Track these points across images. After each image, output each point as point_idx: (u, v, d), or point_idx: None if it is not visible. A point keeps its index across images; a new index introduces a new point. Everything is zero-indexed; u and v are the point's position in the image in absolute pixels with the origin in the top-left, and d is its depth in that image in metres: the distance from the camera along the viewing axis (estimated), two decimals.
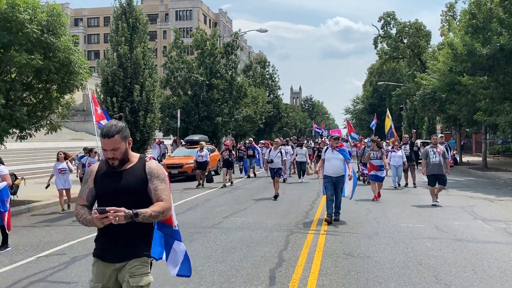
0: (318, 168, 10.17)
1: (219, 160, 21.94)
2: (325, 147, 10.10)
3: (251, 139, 23.31)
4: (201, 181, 16.92)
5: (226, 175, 16.91)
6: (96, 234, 3.21)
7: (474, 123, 26.63)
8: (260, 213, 10.66)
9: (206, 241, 7.80)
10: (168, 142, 31.79)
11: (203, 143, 18.03)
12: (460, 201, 12.56)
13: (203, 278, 5.73)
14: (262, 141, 28.93)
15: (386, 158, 13.57)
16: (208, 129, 31.03)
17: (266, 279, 5.71)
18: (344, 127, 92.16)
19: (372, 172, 12.85)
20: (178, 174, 19.02)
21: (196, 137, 24.38)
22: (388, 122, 25.19)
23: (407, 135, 19.14)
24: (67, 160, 11.76)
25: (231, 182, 17.17)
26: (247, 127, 42.90)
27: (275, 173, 13.45)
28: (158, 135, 31.79)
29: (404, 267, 6.16)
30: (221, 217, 10.22)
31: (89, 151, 12.24)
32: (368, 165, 13.37)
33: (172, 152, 24.87)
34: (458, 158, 28.94)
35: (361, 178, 16.59)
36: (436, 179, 11.59)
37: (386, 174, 13.19)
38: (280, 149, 13.86)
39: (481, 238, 7.90)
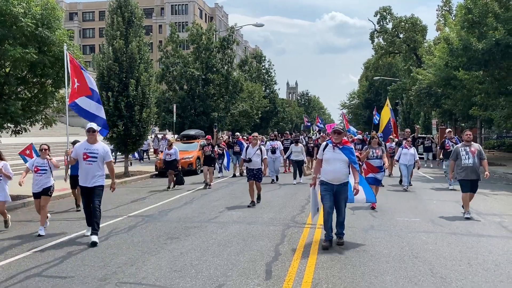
0: (314, 176, 7.47)
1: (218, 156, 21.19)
2: (324, 143, 7.38)
3: (238, 134, 21.28)
4: (171, 184, 14.79)
5: (208, 174, 14.81)
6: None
7: (470, 118, 26.77)
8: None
9: (203, 235, 7.80)
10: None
11: (172, 139, 15.66)
12: (455, 195, 12.60)
13: (200, 272, 5.73)
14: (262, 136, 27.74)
15: (393, 157, 11.85)
16: (204, 124, 31.00)
17: (262, 273, 5.72)
18: (340, 122, 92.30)
19: (370, 175, 10.61)
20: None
21: (192, 131, 24.33)
22: (387, 114, 20.46)
23: (408, 130, 17.29)
24: (3, 161, 8.47)
25: (209, 185, 14.71)
26: (243, 122, 42.92)
27: (254, 176, 11.03)
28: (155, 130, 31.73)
29: (399, 260, 6.19)
30: (217, 211, 10.22)
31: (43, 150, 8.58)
32: (364, 165, 10.85)
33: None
34: None
35: None
36: (470, 185, 9.34)
37: (389, 174, 11.42)
38: (259, 146, 11.38)
39: (476, 232, 7.95)
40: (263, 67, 59.38)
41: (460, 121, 31.99)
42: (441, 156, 14.58)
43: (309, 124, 49.10)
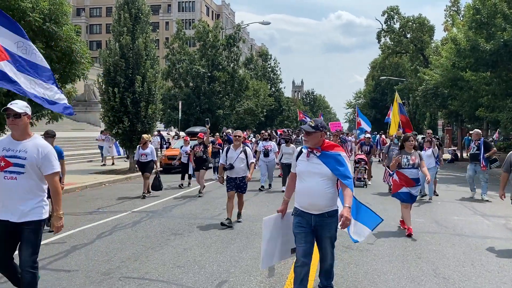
0: (285, 198, 4.84)
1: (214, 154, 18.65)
2: (298, 148, 4.88)
3: (230, 130, 18.79)
4: (146, 190, 12.24)
5: (201, 179, 12.59)
6: None
7: (476, 119, 26.59)
8: (260, 205, 10.67)
9: (206, 232, 7.82)
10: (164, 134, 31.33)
11: (146, 136, 12.77)
12: (460, 196, 12.55)
13: (203, 269, 5.75)
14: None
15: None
16: (210, 121, 31.08)
17: (265, 270, 5.73)
18: (345, 121, 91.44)
19: (404, 189, 7.81)
20: (179, 166, 18.99)
21: (197, 129, 24.39)
22: (396, 110, 17.92)
23: (430, 131, 14.61)
24: None
25: (201, 191, 12.49)
26: (248, 120, 42.98)
27: (237, 186, 8.52)
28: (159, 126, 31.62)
29: (402, 260, 6.18)
30: (221, 209, 10.22)
31: None
32: (395, 176, 7.98)
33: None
34: (458, 154, 28.97)
35: (355, 181, 13.47)
36: None
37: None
38: (243, 147, 8.74)
39: (480, 233, 7.92)
40: (268, 65, 59.40)
41: (466, 122, 31.81)
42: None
43: (306, 120, 48.13)
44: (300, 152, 4.61)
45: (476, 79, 20.13)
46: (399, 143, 8.33)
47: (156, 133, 26.59)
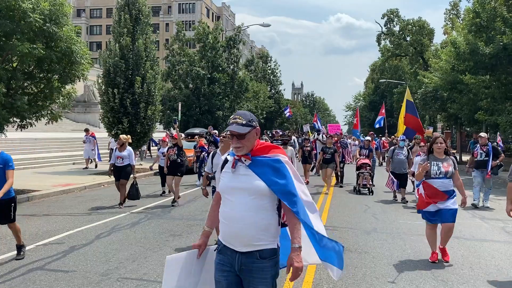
0: (206, 228, 3.27)
1: (196, 159, 16.64)
2: (223, 156, 3.29)
3: (216, 131, 17.30)
4: (122, 199, 10.73)
5: (176, 186, 11.12)
6: None
7: (475, 122, 26.61)
8: None
9: None
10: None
11: (124, 137, 10.80)
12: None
13: None
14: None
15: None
16: (209, 122, 31.09)
17: None
18: (345, 124, 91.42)
19: (431, 208, 6.24)
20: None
21: (196, 130, 24.40)
22: (403, 109, 16.78)
23: (436, 132, 14.24)
24: None
25: (176, 200, 11.03)
26: None
27: None
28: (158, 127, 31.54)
29: (401, 263, 6.18)
30: None
31: None
32: (422, 188, 6.35)
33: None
34: (458, 157, 29.01)
35: (360, 188, 13.22)
36: None
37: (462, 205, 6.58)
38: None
39: (479, 236, 7.93)
40: (269, 68, 59.49)
41: (466, 126, 31.86)
42: (470, 165, 12.25)
43: (289, 115, 44.89)
44: (225, 161, 3.13)
45: (476, 82, 20.15)
46: (427, 146, 6.77)
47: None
